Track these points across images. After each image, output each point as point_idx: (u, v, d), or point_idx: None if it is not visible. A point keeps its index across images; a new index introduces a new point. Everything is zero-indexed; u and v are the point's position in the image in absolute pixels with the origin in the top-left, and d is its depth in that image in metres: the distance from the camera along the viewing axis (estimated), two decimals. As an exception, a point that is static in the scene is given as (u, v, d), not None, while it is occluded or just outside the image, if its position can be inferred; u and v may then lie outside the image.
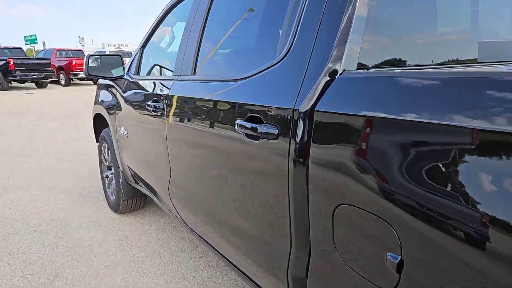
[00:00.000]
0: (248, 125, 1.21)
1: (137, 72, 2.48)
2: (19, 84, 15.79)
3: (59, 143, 5.68)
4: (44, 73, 14.74)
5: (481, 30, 1.41)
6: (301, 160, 1.03)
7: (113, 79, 2.51)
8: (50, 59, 15.80)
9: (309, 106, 1.01)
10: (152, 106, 1.97)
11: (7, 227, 2.93)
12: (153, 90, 2.08)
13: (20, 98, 12.09)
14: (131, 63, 2.57)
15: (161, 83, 2.02)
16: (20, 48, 16.41)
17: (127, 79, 2.49)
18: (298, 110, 1.04)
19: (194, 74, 1.75)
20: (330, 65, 1.00)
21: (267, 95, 1.19)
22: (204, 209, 1.67)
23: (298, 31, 1.14)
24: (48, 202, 3.41)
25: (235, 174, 1.37)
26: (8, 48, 16.02)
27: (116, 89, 2.62)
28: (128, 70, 2.59)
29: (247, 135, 1.24)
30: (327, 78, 1.00)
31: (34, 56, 20.12)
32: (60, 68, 16.32)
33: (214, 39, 1.74)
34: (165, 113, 1.86)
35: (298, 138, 1.03)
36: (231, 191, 1.42)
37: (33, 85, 15.91)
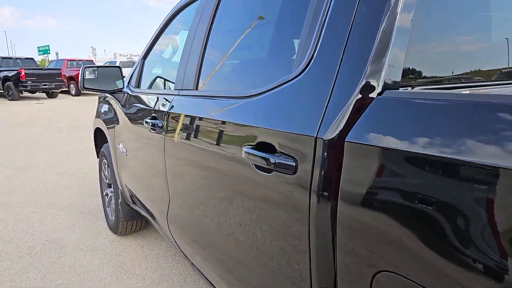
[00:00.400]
0: (258, 154, 0.98)
1: (138, 85, 2.29)
2: (30, 94, 15.86)
3: (63, 156, 5.52)
4: (55, 83, 14.78)
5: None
6: (326, 208, 0.79)
7: (111, 92, 2.31)
8: (61, 69, 15.88)
9: (337, 135, 0.78)
10: (151, 124, 1.75)
11: (-1, 249, 2.74)
12: (152, 106, 1.87)
13: (30, 108, 12.08)
14: (132, 75, 2.37)
15: (160, 98, 1.81)
16: (32, 59, 16.53)
17: (127, 93, 2.29)
18: (323, 139, 0.81)
19: (197, 89, 1.53)
20: (365, 82, 0.77)
21: (281, 118, 0.97)
22: (204, 244, 1.44)
23: (321, 39, 0.91)
24: (45, 221, 3.22)
25: (241, 209, 1.14)
26: (20, 58, 16.16)
27: (115, 103, 2.42)
28: (129, 83, 2.39)
29: (257, 166, 1.01)
30: (362, 98, 0.77)
31: (46, 66, 20.30)
32: (70, 78, 16.37)
33: (219, 49, 1.52)
34: (164, 133, 1.65)
35: (322, 177, 0.80)
36: (235, 228, 1.19)
37: (44, 95, 15.96)
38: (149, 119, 1.79)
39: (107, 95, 2.61)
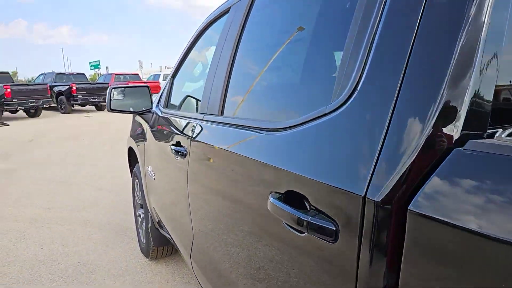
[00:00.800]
0: (287, 209, 0.77)
1: (166, 105, 2.15)
2: (80, 107, 16.67)
3: (104, 170, 5.59)
4: (103, 97, 15.43)
5: None
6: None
7: (139, 113, 2.19)
8: (108, 83, 16.57)
9: (396, 198, 0.55)
10: (174, 150, 1.59)
11: (32, 271, 2.70)
12: (178, 130, 1.71)
13: (79, 121, 12.65)
14: (161, 94, 2.24)
15: (186, 122, 1.65)
16: (83, 74, 17.42)
17: (156, 113, 2.17)
18: (374, 202, 0.58)
19: (222, 114, 1.34)
20: (436, 124, 0.54)
21: (315, 163, 0.74)
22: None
23: (369, 60, 0.68)
24: (80, 241, 3.18)
25: (267, 261, 0.93)
26: (73, 73, 17.09)
27: (145, 123, 2.30)
28: (158, 102, 2.27)
29: (287, 223, 0.79)
30: (431, 148, 0.53)
31: (96, 80, 21.37)
32: (118, 92, 17.03)
33: (246, 70, 1.33)
34: (187, 162, 1.48)
35: (374, 255, 0.57)
36: (261, 281, 0.97)
37: (93, 108, 16.72)
38: (173, 144, 1.62)
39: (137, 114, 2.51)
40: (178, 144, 1.61)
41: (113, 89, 2.05)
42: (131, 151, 3.00)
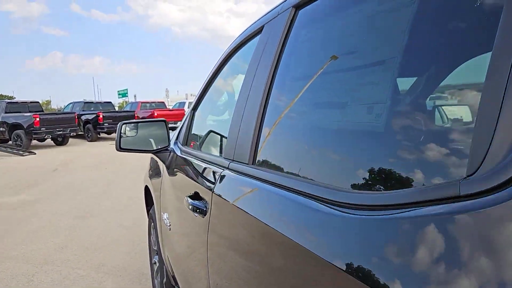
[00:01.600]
0: None
1: (186, 142, 1.85)
2: (106, 135, 16.86)
3: (125, 203, 5.34)
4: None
5: None
6: None
7: (155, 152, 1.89)
8: (135, 111, 16.77)
9: None
10: (191, 204, 1.26)
11: (33, 328, 2.38)
12: (196, 177, 1.39)
13: (105, 149, 12.67)
14: (180, 129, 1.95)
15: (207, 168, 1.32)
16: (110, 102, 17.76)
17: (173, 151, 1.86)
18: None
19: (254, 163, 1.01)
20: None
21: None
22: None
23: None
24: (90, 290, 2.86)
25: None
26: (100, 102, 17.44)
27: (161, 163, 2.00)
28: (177, 138, 1.97)
29: None
30: None
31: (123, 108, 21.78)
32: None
33: (289, 104, 0.99)
34: (208, 221, 1.14)
35: None
36: None
37: (119, 135, 16.86)
38: (191, 197, 1.29)
39: (154, 151, 2.21)
40: (196, 196, 1.27)
41: (124, 125, 1.77)
42: (147, 190, 2.70)
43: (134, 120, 1.89)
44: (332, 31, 0.92)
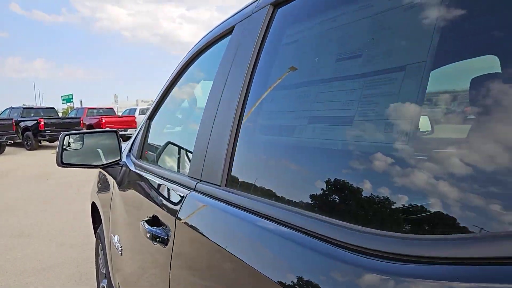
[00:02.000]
0: None
1: (141, 155, 1.64)
2: (48, 143, 15.73)
3: (68, 219, 4.89)
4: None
5: None
6: None
7: (105, 166, 1.66)
8: (81, 118, 15.82)
9: None
10: (149, 231, 1.07)
11: None
12: (155, 197, 1.20)
13: (46, 159, 11.76)
14: (134, 141, 1.74)
15: (167, 188, 1.14)
16: (53, 108, 16.61)
17: (126, 165, 1.65)
18: None
19: (226, 184, 0.85)
20: None
21: None
22: None
23: None
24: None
25: None
26: (42, 108, 16.26)
27: (111, 179, 1.77)
28: (130, 151, 1.76)
29: None
30: None
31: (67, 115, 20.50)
32: (90, 127, 16.28)
33: (274, 115, 0.85)
34: (171, 250, 0.96)
35: None
36: None
37: (63, 143, 15.79)
38: (149, 222, 1.10)
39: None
40: (155, 220, 1.09)
41: (67, 136, 1.52)
42: (95, 207, 2.43)
43: (79, 131, 1.65)
44: (318, 32, 0.80)
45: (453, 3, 0.52)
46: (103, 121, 15.85)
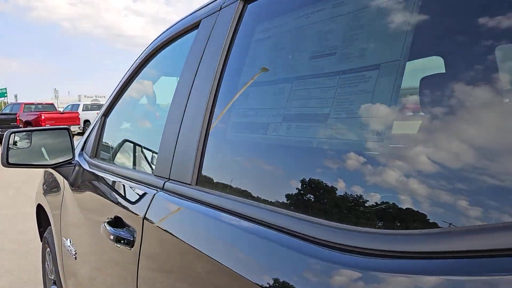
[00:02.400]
0: None
1: (95, 153, 1.56)
2: (-20, 141, 14.44)
3: (7, 223, 4.52)
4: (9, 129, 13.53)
5: None
6: None
7: (55, 166, 1.55)
8: (17, 114, 14.68)
9: None
10: (112, 233, 1.02)
11: None
12: (115, 199, 1.15)
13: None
14: (87, 139, 1.65)
15: (130, 188, 1.10)
16: (-16, 103, 15.25)
17: (79, 164, 1.56)
18: None
19: (197, 183, 0.84)
20: None
21: None
22: None
23: None
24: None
25: None
26: (-29, 103, 14.88)
27: (62, 180, 1.66)
28: (83, 149, 1.66)
29: None
30: None
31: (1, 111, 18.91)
32: (28, 124, 15.14)
33: (246, 112, 0.85)
34: (138, 252, 0.93)
35: None
36: None
37: (-3, 141, 14.59)
38: (110, 224, 1.05)
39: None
40: (118, 222, 1.04)
41: (13, 134, 1.40)
42: (41, 209, 2.27)
43: (27, 128, 1.53)
44: (290, 28, 0.81)
45: (425, 4, 0.55)
46: (43, 117, 14.82)
